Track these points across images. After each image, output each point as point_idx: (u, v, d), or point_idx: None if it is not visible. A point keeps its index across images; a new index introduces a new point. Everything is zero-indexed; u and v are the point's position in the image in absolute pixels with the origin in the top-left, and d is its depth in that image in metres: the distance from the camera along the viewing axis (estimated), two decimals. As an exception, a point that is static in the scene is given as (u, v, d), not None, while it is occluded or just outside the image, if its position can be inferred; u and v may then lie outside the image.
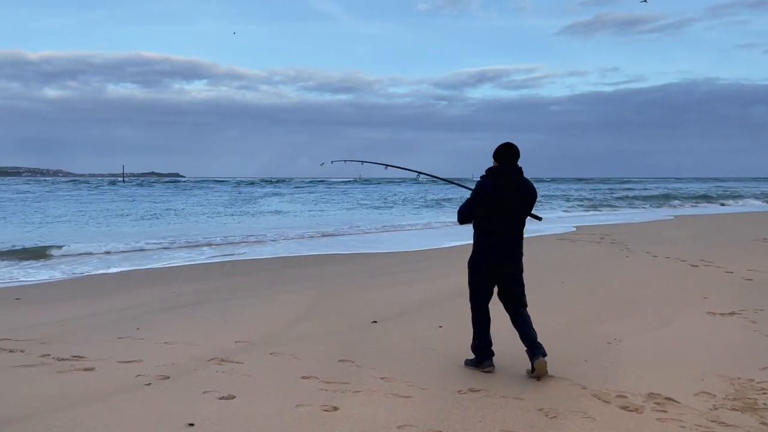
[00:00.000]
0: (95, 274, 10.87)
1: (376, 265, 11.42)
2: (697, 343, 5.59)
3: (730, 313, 6.77)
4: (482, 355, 4.85)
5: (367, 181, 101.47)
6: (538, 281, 9.02)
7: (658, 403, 4.09)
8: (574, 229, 19.73)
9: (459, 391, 4.36)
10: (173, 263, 12.26)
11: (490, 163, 4.78)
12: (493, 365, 4.83)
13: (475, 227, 4.79)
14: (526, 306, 4.82)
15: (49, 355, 5.52)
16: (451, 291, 8.16)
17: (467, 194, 4.83)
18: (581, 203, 38.64)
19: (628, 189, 65.58)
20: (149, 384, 4.65)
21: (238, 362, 5.19)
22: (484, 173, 4.70)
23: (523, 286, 4.84)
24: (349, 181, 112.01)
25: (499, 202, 4.58)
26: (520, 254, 4.78)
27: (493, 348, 4.90)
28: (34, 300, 8.50)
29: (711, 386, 4.42)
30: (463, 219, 4.82)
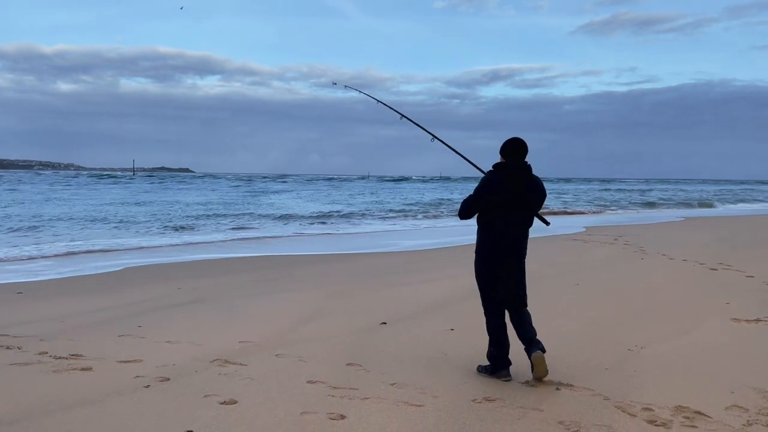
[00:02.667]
0: (99, 270, 10.70)
1: (383, 265, 11.18)
2: (723, 352, 5.30)
3: (755, 320, 6.48)
4: (497, 364, 4.57)
5: (381, 179, 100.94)
6: (551, 283, 8.77)
7: (688, 417, 3.82)
8: (584, 229, 19.41)
9: (474, 400, 4.12)
10: (176, 259, 12.07)
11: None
12: (509, 375, 4.52)
13: (479, 224, 4.59)
14: (527, 305, 4.61)
15: (46, 352, 5.32)
16: (461, 291, 7.90)
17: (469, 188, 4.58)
18: (589, 204, 38.23)
19: (642, 191, 65.00)
20: (148, 386, 4.44)
21: (241, 364, 4.97)
22: (491, 168, 4.49)
23: (525, 285, 4.63)
24: (359, 178, 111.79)
25: (505, 199, 4.36)
26: (524, 254, 4.56)
27: (510, 356, 4.61)
28: (37, 294, 8.32)
29: (743, 399, 4.14)
30: (465, 214, 4.60)
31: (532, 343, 4.39)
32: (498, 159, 4.52)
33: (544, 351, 4.37)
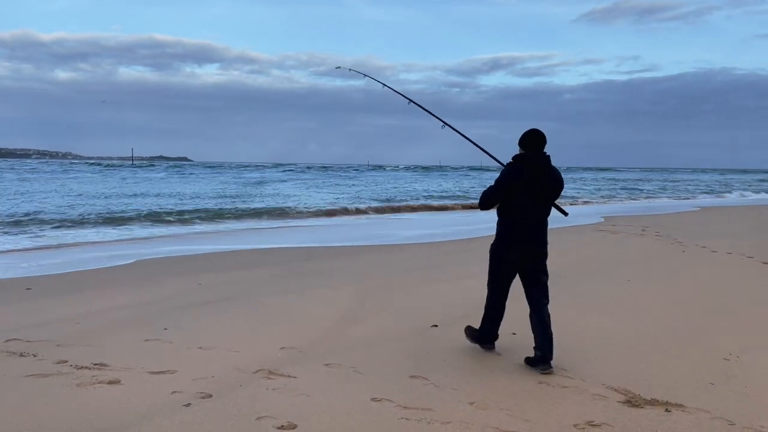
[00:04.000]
0: (106, 262, 10.08)
1: (413, 257, 10.55)
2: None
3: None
4: (486, 338, 4.92)
5: (380, 167, 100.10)
6: (602, 279, 8.18)
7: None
8: (602, 219, 18.84)
9: (576, 426, 3.53)
10: (188, 249, 11.45)
11: (500, 150, 4.71)
12: (493, 348, 4.96)
13: (499, 214, 4.65)
14: (548, 301, 4.66)
15: (66, 361, 4.73)
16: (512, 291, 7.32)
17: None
18: (593, 193, 37.64)
19: (641, 180, 64.49)
20: (189, 405, 3.85)
21: (290, 376, 4.37)
22: (511, 159, 4.56)
23: (548, 276, 4.69)
24: (357, 167, 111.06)
25: (526, 189, 4.45)
26: (545, 242, 4.63)
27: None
28: (47, 291, 7.71)
29: None
30: (486, 204, 4.65)
31: (544, 350, 4.48)
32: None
33: (551, 367, 4.45)
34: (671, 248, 11.30)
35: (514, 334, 5.49)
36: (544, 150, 4.51)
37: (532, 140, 4.49)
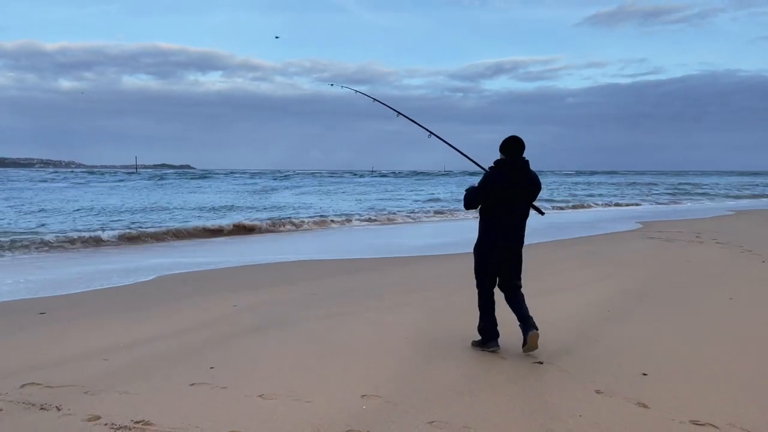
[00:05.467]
0: (127, 279, 9.12)
1: (462, 268, 9.53)
2: None
3: None
4: (488, 335, 5.07)
5: (383, 175, 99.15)
6: (692, 296, 7.17)
7: None
8: (640, 225, 17.85)
9: None
10: (206, 262, 10.48)
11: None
12: (498, 346, 5.04)
13: (482, 215, 4.97)
14: (521, 285, 5.05)
15: (99, 417, 3.76)
16: (597, 308, 6.32)
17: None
18: (607, 198, 36.64)
19: (652, 184, 63.44)
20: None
21: (389, 440, 3.39)
22: (492, 164, 4.86)
23: (520, 271, 5.05)
24: (363, 173, 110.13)
25: (507, 192, 4.77)
26: (522, 241, 4.99)
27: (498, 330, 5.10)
28: (63, 316, 6.75)
29: None
30: (469, 204, 4.98)
31: (528, 321, 4.85)
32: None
33: (537, 329, 4.81)
34: (745, 258, 10.27)
35: (644, 374, 4.50)
36: (523, 155, 4.81)
37: (512, 146, 4.81)
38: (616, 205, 30.75)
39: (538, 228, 13.91)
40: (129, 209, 25.12)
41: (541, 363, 4.71)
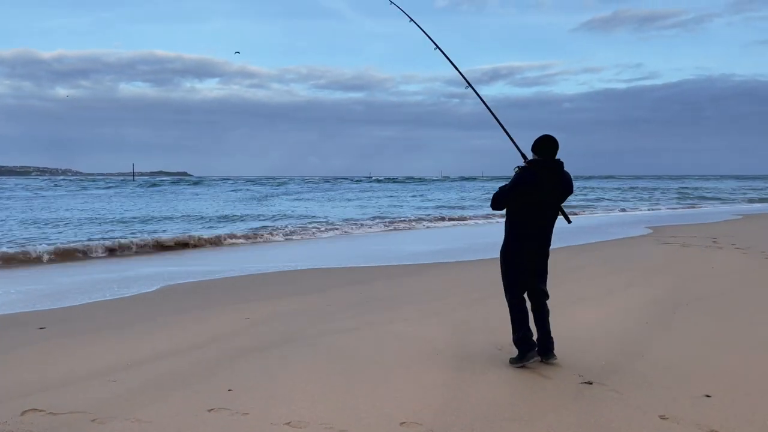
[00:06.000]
0: (129, 289, 8.72)
1: (486, 274, 9.14)
2: None
3: None
4: (525, 346, 4.68)
5: (380, 181, 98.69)
6: (730, 304, 6.80)
7: None
8: (650, 230, 17.49)
9: None
10: (209, 271, 10.07)
11: (501, 161, 4.48)
12: (538, 356, 4.70)
13: (510, 218, 4.76)
14: (548, 297, 4.83)
15: (111, 452, 3.36)
16: (632, 318, 5.95)
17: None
18: (612, 203, 36.33)
19: (653, 189, 63.22)
20: None
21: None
22: (524, 164, 4.65)
23: (546, 278, 4.84)
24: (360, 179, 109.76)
25: (539, 194, 4.56)
26: (550, 243, 4.77)
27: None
28: (64, 331, 6.35)
29: None
30: (498, 205, 4.76)
31: (548, 345, 4.71)
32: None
33: (556, 356, 4.71)
34: (770, 264, 9.92)
35: (707, 396, 4.12)
36: (557, 156, 4.58)
37: (545, 146, 4.58)
38: (622, 210, 30.46)
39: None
40: (114, 219, 24.54)
41: (590, 383, 4.32)
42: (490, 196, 4.80)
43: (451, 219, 23.69)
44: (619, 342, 5.38)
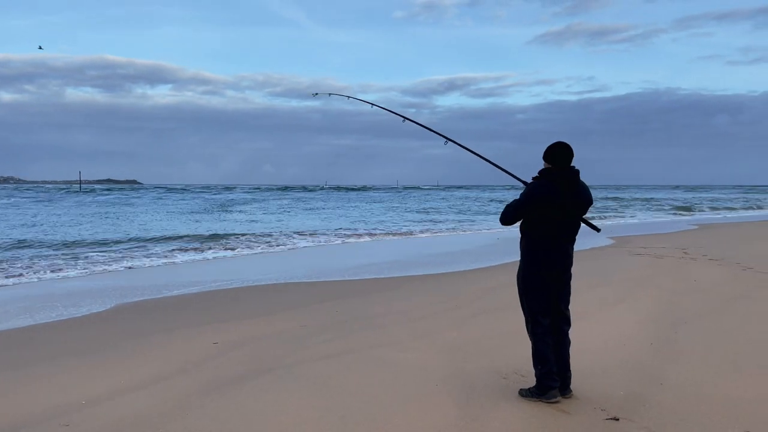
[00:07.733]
0: (77, 309, 7.90)
1: (484, 286, 8.66)
2: None
3: None
4: (549, 382, 4.16)
5: (336, 189, 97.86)
6: (730, 323, 6.49)
7: None
8: (612, 241, 17.43)
9: None
10: (174, 285, 9.30)
11: (456, 172, 4.09)
12: (559, 395, 4.18)
13: (527, 234, 4.29)
14: (570, 324, 4.39)
15: None
16: (648, 328, 5.56)
17: None
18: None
19: (610, 199, 64.52)
20: None
21: None
22: (537, 175, 4.25)
23: (569, 300, 4.39)
24: (315, 188, 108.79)
25: (557, 207, 4.14)
26: (572, 261, 4.37)
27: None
28: (6, 359, 5.57)
29: None
30: (510, 220, 4.34)
31: (566, 384, 4.28)
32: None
33: (572, 390, 4.31)
34: (752, 277, 9.76)
35: (616, 420, 3.71)
36: (572, 164, 4.22)
37: (560, 154, 4.20)
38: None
39: (500, 246, 13.16)
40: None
41: (617, 419, 3.87)
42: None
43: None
44: (630, 368, 4.96)
